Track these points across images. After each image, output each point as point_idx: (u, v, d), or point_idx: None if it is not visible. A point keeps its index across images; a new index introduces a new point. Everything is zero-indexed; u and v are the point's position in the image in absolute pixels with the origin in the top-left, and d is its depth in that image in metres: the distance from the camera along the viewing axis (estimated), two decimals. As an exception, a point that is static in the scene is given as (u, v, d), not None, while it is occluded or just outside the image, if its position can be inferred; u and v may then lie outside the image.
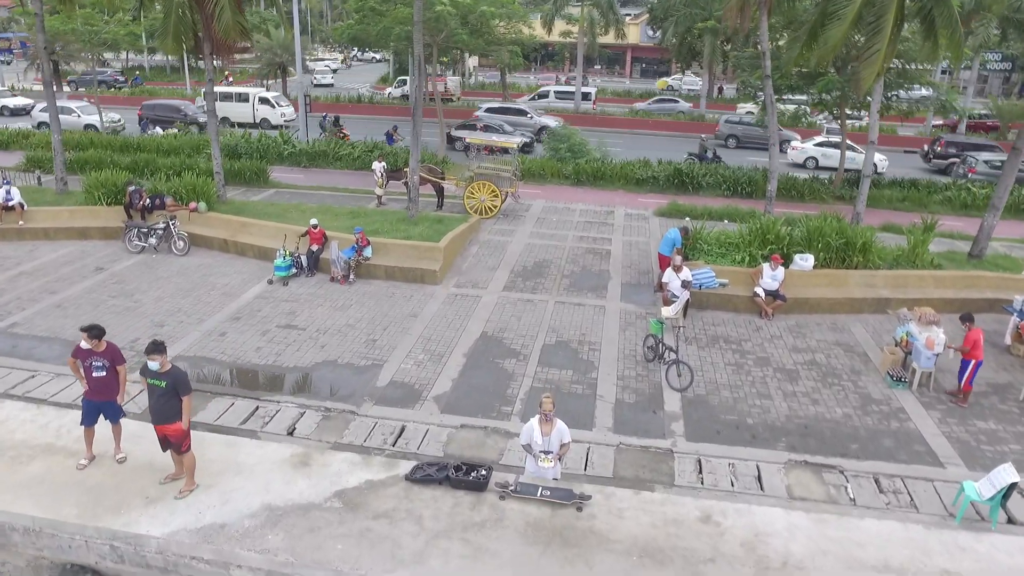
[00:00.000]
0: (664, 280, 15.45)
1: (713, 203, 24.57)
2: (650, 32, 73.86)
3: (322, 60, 78.01)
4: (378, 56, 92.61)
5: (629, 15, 68.76)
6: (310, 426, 11.21)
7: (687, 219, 22.39)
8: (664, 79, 71.80)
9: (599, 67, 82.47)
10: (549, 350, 13.86)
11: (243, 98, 40.98)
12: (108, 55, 73.87)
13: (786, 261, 16.34)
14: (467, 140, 23.51)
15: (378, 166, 23.46)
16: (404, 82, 52.67)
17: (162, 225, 18.74)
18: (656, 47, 74.70)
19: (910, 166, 34.73)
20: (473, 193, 21.97)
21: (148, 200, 19.67)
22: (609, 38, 63.19)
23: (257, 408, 11.69)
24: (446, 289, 16.69)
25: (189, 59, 69.03)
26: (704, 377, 13.02)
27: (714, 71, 46.69)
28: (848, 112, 27.41)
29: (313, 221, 17.62)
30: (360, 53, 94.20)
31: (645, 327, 14.96)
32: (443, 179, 22.95)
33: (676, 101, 53.22)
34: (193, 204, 19.97)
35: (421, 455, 10.53)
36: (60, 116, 35.06)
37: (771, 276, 15.66)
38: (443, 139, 31.46)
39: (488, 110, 39.83)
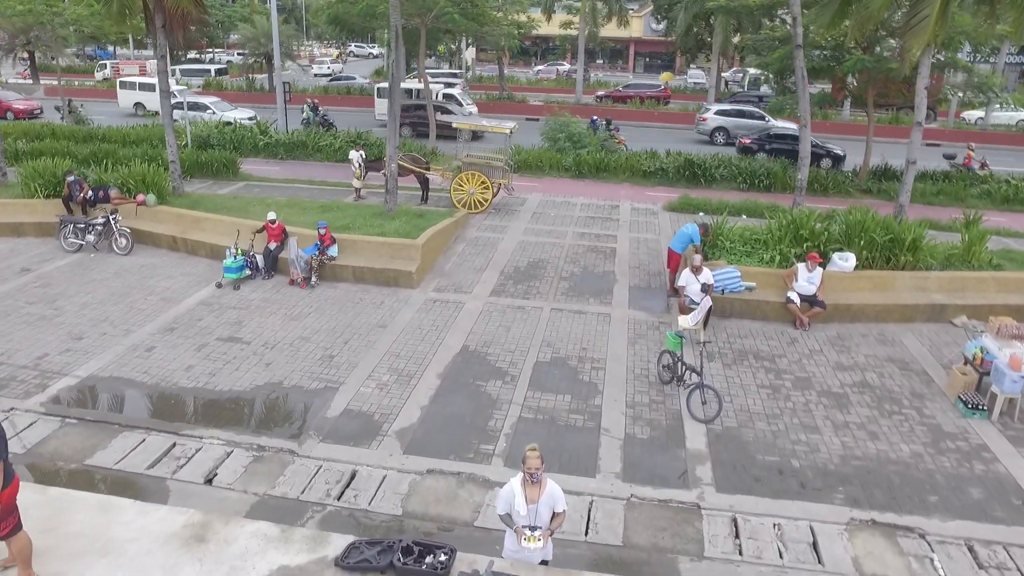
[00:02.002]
0: (680, 283, 13.02)
1: (728, 197, 22.15)
2: (654, 24, 71.54)
3: (320, 60, 76.27)
4: (375, 51, 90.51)
5: (633, 8, 66.25)
6: (235, 471, 8.78)
7: (700, 214, 20.03)
8: (668, 72, 69.27)
9: (601, 61, 79.97)
10: (543, 369, 11.42)
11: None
12: (92, 49, 71.69)
13: (823, 261, 13.88)
14: (454, 124, 21.10)
15: (355, 155, 21.01)
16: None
17: (101, 220, 16.33)
18: (660, 40, 72.40)
19: None
20: (461, 185, 19.56)
21: (90, 192, 17.26)
22: (612, 29, 60.80)
23: (174, 446, 9.26)
24: (424, 293, 14.25)
25: (179, 53, 66.87)
26: (734, 404, 10.56)
27: (725, 58, 43.95)
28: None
29: (271, 215, 15.19)
30: (356, 48, 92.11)
31: (659, 340, 12.52)
32: (427, 169, 20.51)
33: (353, 78, 51.76)
34: (141, 196, 17.54)
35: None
36: (193, 113, 31.04)
37: (807, 279, 13.20)
38: (432, 129, 29.01)
39: (719, 112, 34.93)
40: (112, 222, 16.22)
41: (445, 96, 36.04)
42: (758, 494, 8.59)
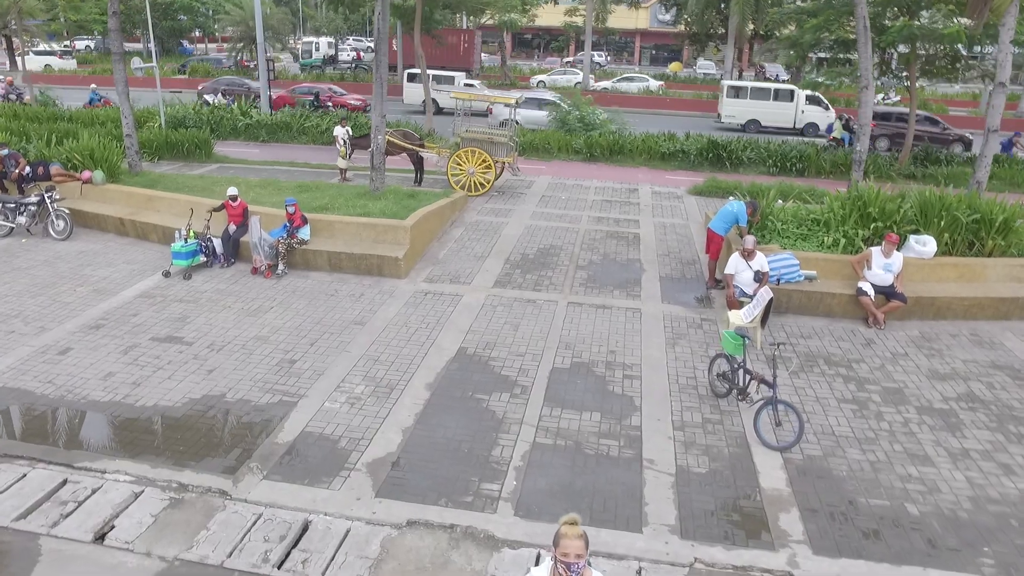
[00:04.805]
0: (728, 271, 10.54)
1: (759, 180, 19.66)
2: (660, 15, 69.14)
3: (342, 48, 74.80)
4: (373, 45, 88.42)
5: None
6: (141, 522, 6.31)
7: (730, 198, 17.60)
8: (677, 62, 66.93)
9: (606, 54, 77.44)
10: (561, 378, 8.95)
11: (784, 95, 31.23)
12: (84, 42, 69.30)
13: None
14: (451, 95, 18.69)
15: (340, 131, 18.57)
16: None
17: (35, 200, 13.87)
18: (666, 32, 70.06)
19: None
20: (460, 164, 17.09)
21: (27, 168, 14.82)
22: (618, 19, 58.47)
23: (64, 484, 6.80)
24: (413, 284, 11.79)
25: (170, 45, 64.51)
26: (812, 424, 8.09)
27: (742, 39, 41.32)
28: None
29: (232, 191, 12.71)
30: (354, 40, 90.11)
31: (703, 341, 10.06)
32: (421, 147, 18.05)
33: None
34: (86, 173, 15.08)
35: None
36: (529, 112, 25.75)
37: (883, 266, 10.73)
38: (429, 110, 26.56)
39: None
40: (48, 201, 13.77)
41: (810, 99, 30.47)
42: (871, 557, 6.11)
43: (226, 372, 8.85)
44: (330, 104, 30.69)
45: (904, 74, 23.13)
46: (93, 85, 30.78)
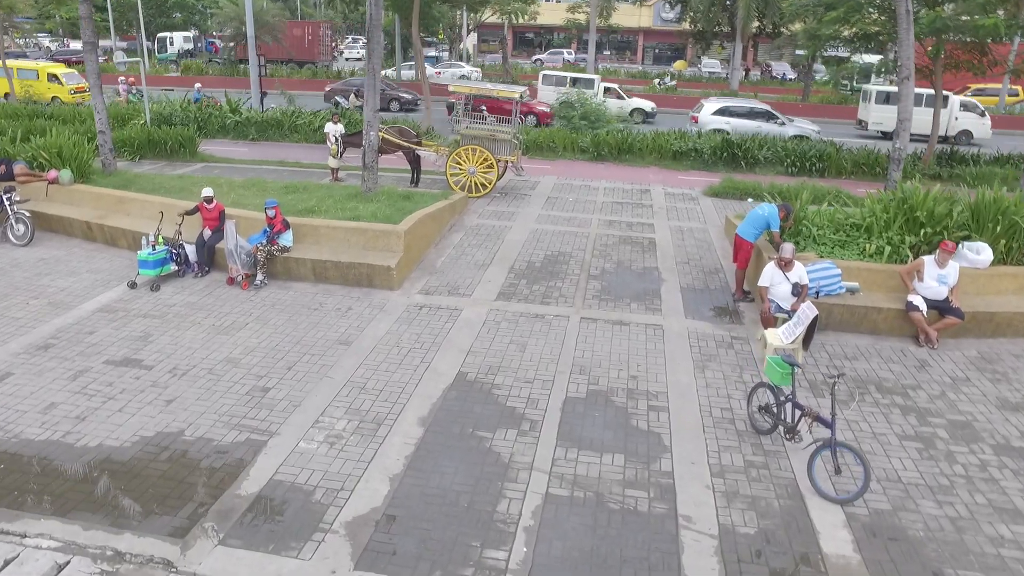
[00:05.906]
0: (763, 283, 9.32)
1: (778, 181, 18.45)
2: (664, 14, 67.96)
3: (350, 46, 73.90)
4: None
5: (643, -5, 62.56)
6: (62, 605, 5.09)
7: (749, 199, 16.50)
8: (681, 60, 65.75)
9: (608, 53, 76.25)
10: (576, 409, 7.71)
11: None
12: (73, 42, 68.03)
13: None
14: (450, 88, 17.50)
15: (332, 128, 17.37)
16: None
17: (-8, 201, 12.67)
18: (670, 31, 68.94)
19: None
20: (459, 163, 15.87)
21: (-12, 167, 13.62)
22: (623, 12, 57.29)
23: (-24, 550, 5.57)
24: (407, 297, 10.56)
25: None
26: (874, 467, 6.84)
27: (748, 37, 40.01)
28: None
29: (207, 192, 11.47)
30: (352, 39, 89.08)
31: (735, 363, 8.83)
32: (418, 145, 16.82)
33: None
34: (53, 173, 13.86)
35: None
36: (739, 122, 23.92)
37: (937, 277, 9.50)
38: (427, 107, 25.34)
39: None
40: (6, 203, 12.55)
41: (963, 105, 26.74)
42: (974, 653, 4.89)
43: (187, 403, 7.62)
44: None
45: (929, 69, 21.92)
46: (198, 84, 29.93)
